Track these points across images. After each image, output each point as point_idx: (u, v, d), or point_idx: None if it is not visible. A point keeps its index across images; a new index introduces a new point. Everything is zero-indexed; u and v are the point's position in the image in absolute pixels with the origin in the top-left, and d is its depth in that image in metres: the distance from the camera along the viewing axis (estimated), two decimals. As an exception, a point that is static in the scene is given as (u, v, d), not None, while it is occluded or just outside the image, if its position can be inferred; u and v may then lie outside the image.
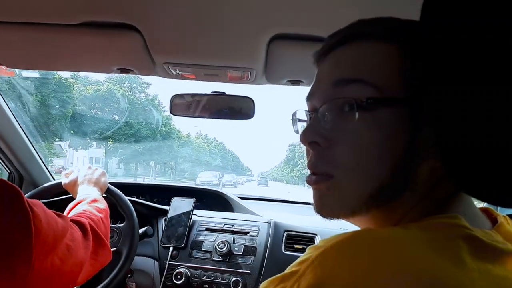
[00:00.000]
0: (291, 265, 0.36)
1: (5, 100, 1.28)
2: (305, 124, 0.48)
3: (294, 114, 0.50)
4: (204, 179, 26.43)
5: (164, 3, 0.70)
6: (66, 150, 19.97)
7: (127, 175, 26.82)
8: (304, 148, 0.46)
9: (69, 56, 0.96)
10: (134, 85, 24.07)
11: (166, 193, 1.75)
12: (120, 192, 1.27)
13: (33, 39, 0.86)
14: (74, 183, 1.13)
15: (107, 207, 1.02)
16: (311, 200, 0.47)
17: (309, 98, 0.46)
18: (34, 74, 1.23)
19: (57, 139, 17.68)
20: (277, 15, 0.72)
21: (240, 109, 1.15)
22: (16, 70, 1.18)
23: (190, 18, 0.74)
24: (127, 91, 23.37)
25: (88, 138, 21.28)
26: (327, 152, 0.42)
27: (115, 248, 1.20)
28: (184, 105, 1.18)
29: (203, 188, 1.83)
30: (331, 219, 0.43)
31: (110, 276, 1.15)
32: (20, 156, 1.43)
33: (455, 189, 0.39)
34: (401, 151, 0.39)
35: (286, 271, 0.35)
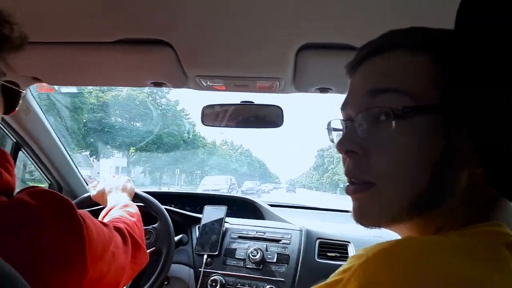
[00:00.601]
0: (334, 273, 0.39)
1: (45, 114, 1.41)
2: (340, 133, 0.51)
3: (329, 124, 0.53)
4: (209, 186, 20.18)
5: (195, 19, 0.77)
6: (93, 161, 20.63)
7: (152, 184, 27.34)
8: (334, 154, 0.49)
9: (106, 72, 1.06)
10: (155, 90, 23.31)
11: (197, 201, 1.84)
12: (148, 195, 1.35)
13: (72, 57, 0.96)
14: (102, 193, 1.21)
15: (138, 210, 1.08)
16: (348, 208, 0.50)
17: (344, 107, 0.49)
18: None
19: (80, 150, 18.19)
20: (305, 26, 0.78)
21: (269, 117, 1.21)
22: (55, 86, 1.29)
23: (221, 32, 0.81)
24: (148, 97, 23.30)
25: (109, 147, 21.48)
26: (364, 160, 0.44)
27: (154, 248, 1.28)
28: (214, 115, 1.26)
29: (233, 196, 1.91)
30: (372, 227, 0.45)
31: (155, 274, 1.23)
32: (59, 168, 1.56)
33: (495, 195, 0.40)
34: (439, 158, 0.40)
35: (329, 279, 0.38)
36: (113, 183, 1.23)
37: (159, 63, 0.96)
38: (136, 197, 1.29)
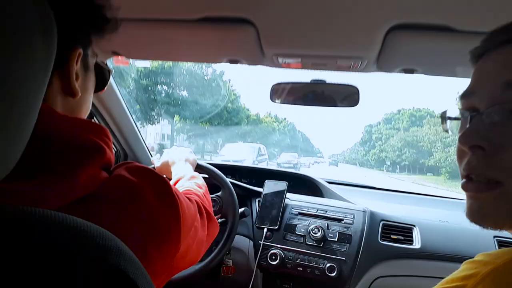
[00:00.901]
0: (449, 279, 0.38)
1: (117, 85, 1.47)
2: (456, 122, 0.49)
3: (445, 112, 0.50)
4: (230, 157, 16.75)
5: None
6: (140, 127, 21.36)
7: (196, 152, 27.99)
8: (382, 130, 0.45)
9: (184, 48, 1.08)
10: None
11: (253, 174, 1.88)
12: (209, 165, 1.40)
13: (154, 33, 0.98)
14: (167, 165, 1.25)
15: (204, 181, 1.12)
16: (410, 190, 0.47)
17: (468, 96, 0.46)
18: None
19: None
20: (399, 5, 0.73)
21: (344, 97, 1.18)
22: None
23: (306, 10, 0.79)
24: (194, 66, 23.34)
25: (154, 114, 21.78)
26: (493, 158, 0.41)
27: (219, 215, 1.34)
28: (284, 93, 1.25)
29: (291, 172, 1.93)
30: (492, 229, 0.43)
31: (221, 243, 1.29)
32: (127, 137, 1.64)
33: None
34: None
35: (443, 285, 0.37)
36: (176, 154, 1.27)
37: (238, 41, 0.96)
38: (198, 168, 1.32)
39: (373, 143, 53.04)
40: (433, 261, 1.30)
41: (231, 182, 1.51)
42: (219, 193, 1.40)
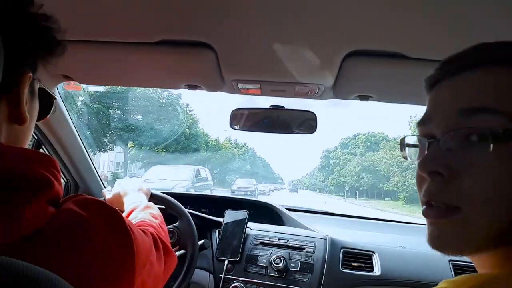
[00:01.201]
0: None
1: (68, 111, 1.43)
2: (414, 149, 0.51)
3: (403, 139, 0.52)
4: (158, 185, 11.56)
5: (241, 23, 0.78)
6: (94, 155, 20.43)
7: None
8: (340, 155, 0.47)
9: (141, 73, 1.08)
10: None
11: (212, 203, 1.86)
12: (164, 194, 1.36)
13: (109, 57, 0.97)
14: (118, 196, 1.22)
15: (159, 211, 1.09)
16: (369, 215, 0.49)
17: (424, 123, 0.48)
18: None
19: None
20: (356, 32, 0.79)
21: (301, 123, 1.22)
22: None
23: (266, 37, 0.82)
24: (149, 89, 22.11)
25: (107, 140, 20.97)
26: (452, 183, 0.42)
27: (178, 247, 1.30)
28: (243, 119, 1.27)
29: (251, 200, 1.93)
30: (452, 255, 0.44)
31: (180, 278, 1.23)
32: (79, 167, 1.58)
33: None
34: None
35: None
36: (129, 185, 1.24)
37: (197, 66, 0.98)
38: (152, 198, 1.29)
39: (331, 168, 54.23)
40: (393, 288, 1.34)
41: (189, 213, 1.49)
42: (176, 224, 1.36)
